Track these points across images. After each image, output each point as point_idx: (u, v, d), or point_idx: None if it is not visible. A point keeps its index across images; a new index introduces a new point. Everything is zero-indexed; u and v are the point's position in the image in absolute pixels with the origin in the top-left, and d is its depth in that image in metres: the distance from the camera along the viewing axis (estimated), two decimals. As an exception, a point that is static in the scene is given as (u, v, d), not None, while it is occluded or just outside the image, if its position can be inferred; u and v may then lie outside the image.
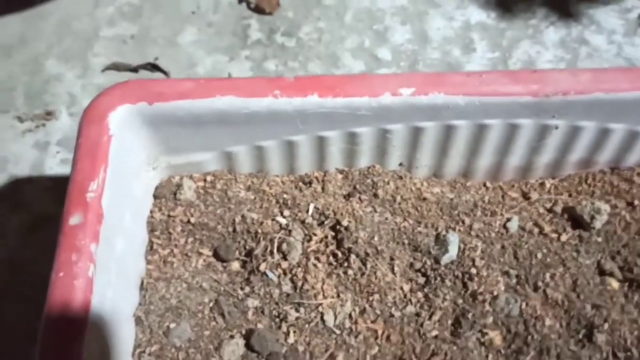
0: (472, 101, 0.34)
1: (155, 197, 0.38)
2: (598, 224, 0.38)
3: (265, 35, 0.58)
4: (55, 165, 0.50)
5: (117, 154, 0.33)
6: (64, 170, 0.50)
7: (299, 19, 0.59)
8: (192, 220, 0.37)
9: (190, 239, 0.37)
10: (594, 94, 0.34)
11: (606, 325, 0.35)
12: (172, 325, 0.34)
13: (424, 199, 0.39)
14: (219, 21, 0.59)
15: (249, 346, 0.35)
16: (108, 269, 0.31)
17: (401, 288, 0.37)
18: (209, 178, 0.39)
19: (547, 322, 0.36)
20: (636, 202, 0.39)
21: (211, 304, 0.36)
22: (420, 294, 0.37)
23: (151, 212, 0.37)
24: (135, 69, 0.55)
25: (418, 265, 0.38)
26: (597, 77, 0.35)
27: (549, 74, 0.35)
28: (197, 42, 0.58)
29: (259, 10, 0.59)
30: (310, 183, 0.39)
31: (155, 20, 0.59)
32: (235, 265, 0.38)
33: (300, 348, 0.35)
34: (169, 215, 0.37)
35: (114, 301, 0.31)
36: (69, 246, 0.30)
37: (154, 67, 0.55)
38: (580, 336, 0.36)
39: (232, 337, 0.35)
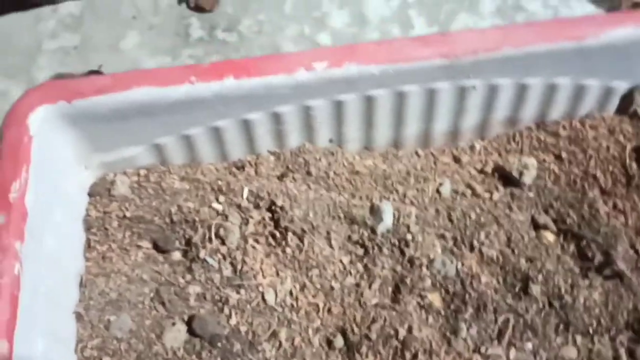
0: (386, 69, 0.35)
1: (90, 195, 0.38)
2: (528, 179, 0.39)
3: (207, 32, 0.59)
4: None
5: (40, 154, 0.34)
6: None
7: (239, 14, 0.60)
8: (128, 214, 0.38)
9: (128, 233, 0.38)
10: (502, 49, 0.35)
11: (540, 277, 0.36)
12: (113, 318, 0.35)
13: (357, 172, 0.40)
14: (159, 23, 0.59)
15: (191, 331, 0.35)
16: (38, 265, 0.31)
17: (340, 261, 0.38)
18: (142, 172, 0.39)
19: (484, 279, 0.37)
20: (563, 154, 0.40)
21: (152, 294, 0.36)
22: (359, 265, 0.38)
23: (87, 210, 0.38)
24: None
25: (355, 237, 0.38)
26: (505, 33, 0.35)
27: (457, 35, 0.35)
28: (139, 45, 0.58)
29: (198, 8, 0.59)
30: (243, 167, 0.40)
31: (96, 29, 0.60)
32: (177, 255, 0.38)
33: (243, 328, 0.36)
34: (104, 212, 0.38)
35: (48, 297, 0.32)
36: (-7, 246, 0.30)
37: (97, 74, 0.56)
38: (517, 290, 0.36)
39: (173, 324, 0.35)
